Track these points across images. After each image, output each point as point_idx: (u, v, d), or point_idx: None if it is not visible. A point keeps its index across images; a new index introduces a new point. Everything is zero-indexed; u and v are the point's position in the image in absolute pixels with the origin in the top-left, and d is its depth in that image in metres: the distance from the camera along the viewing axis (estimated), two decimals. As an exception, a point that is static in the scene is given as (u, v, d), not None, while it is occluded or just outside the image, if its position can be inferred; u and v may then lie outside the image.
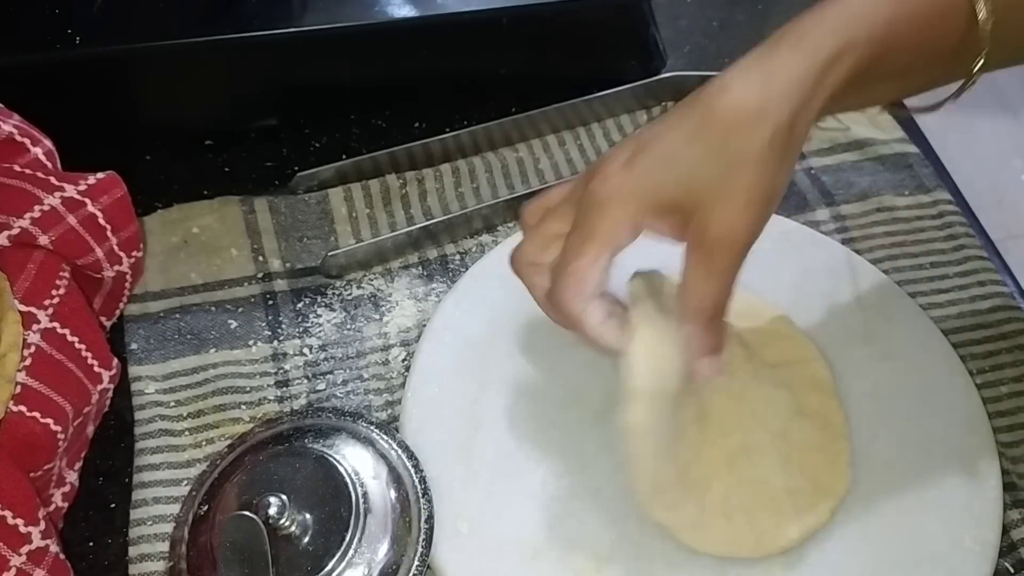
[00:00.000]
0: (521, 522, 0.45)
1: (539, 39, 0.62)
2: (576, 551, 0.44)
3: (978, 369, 0.52)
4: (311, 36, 0.56)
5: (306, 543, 0.41)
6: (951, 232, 0.57)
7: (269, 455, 0.45)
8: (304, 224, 0.56)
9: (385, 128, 0.61)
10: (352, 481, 0.43)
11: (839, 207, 0.58)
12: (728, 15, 0.69)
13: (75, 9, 0.54)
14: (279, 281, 0.53)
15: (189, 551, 0.43)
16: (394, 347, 0.51)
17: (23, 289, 0.44)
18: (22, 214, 0.45)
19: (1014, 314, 0.54)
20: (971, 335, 0.53)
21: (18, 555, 0.39)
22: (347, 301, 0.53)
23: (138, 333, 0.51)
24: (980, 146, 1.71)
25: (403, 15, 0.56)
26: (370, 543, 0.42)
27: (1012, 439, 0.50)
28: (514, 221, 0.56)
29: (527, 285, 0.41)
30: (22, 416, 0.41)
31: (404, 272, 0.54)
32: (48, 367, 0.43)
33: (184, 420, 0.48)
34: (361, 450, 0.45)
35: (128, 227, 0.48)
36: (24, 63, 0.53)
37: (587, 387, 0.48)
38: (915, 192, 0.59)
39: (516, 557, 0.44)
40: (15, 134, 0.47)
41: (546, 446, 0.47)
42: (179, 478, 0.46)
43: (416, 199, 0.57)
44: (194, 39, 0.54)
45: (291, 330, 0.52)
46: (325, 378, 0.50)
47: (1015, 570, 0.46)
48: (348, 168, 0.57)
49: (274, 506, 0.40)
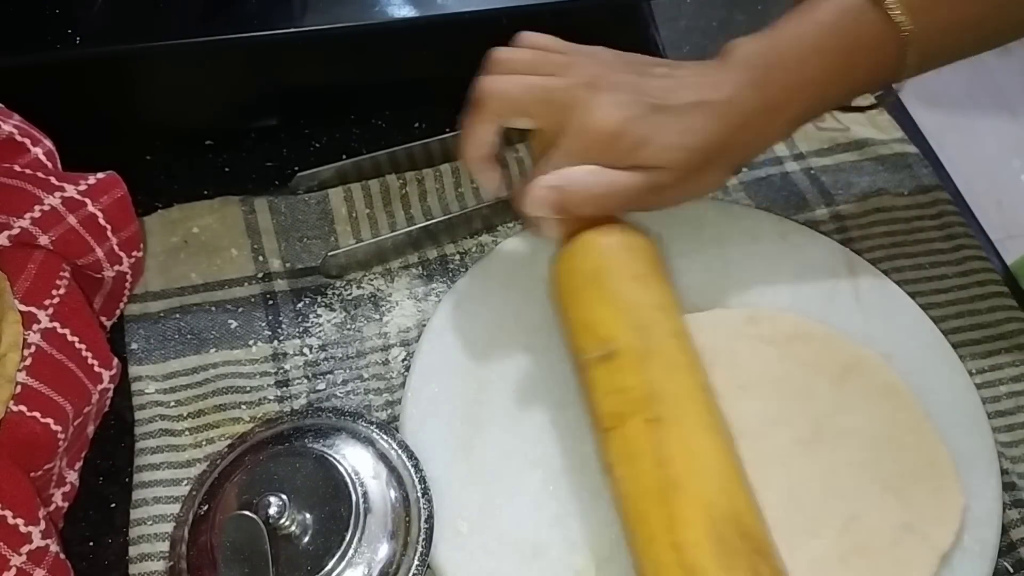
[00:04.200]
0: (521, 522, 0.45)
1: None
2: (576, 551, 0.44)
3: (977, 369, 0.52)
4: (311, 36, 0.56)
5: (306, 543, 0.41)
6: (950, 232, 0.57)
7: (269, 455, 0.45)
8: (304, 224, 0.56)
9: (385, 128, 0.61)
10: (352, 481, 0.43)
11: (838, 207, 0.58)
12: (728, 15, 0.69)
13: (75, 9, 0.54)
14: (279, 281, 0.53)
15: (189, 551, 0.43)
16: (394, 347, 0.51)
17: (23, 289, 0.44)
18: (22, 214, 0.45)
19: (1013, 314, 0.54)
20: (970, 335, 0.53)
21: (18, 555, 0.39)
22: (347, 301, 0.53)
23: (138, 333, 0.51)
24: (980, 146, 1.72)
25: (403, 15, 0.56)
26: (370, 543, 0.42)
27: (1011, 439, 0.50)
28: (514, 221, 0.56)
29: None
30: (22, 416, 0.41)
31: (404, 272, 0.54)
32: (48, 367, 0.43)
33: (184, 420, 0.48)
34: (361, 450, 0.45)
35: (128, 227, 0.48)
36: (24, 63, 0.53)
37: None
38: (914, 192, 0.59)
39: (516, 557, 0.44)
40: (15, 134, 0.47)
41: (546, 446, 0.47)
42: (179, 478, 0.46)
43: (416, 199, 0.57)
44: (194, 39, 0.54)
45: (291, 330, 0.52)
46: (325, 378, 0.50)
47: (1015, 570, 0.46)
48: (348, 168, 0.57)
49: (274, 506, 0.40)
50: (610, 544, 0.44)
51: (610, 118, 0.44)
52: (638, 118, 0.44)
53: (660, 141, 0.44)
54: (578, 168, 0.45)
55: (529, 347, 0.50)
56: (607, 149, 0.44)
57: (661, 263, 0.47)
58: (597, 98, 0.44)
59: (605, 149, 0.44)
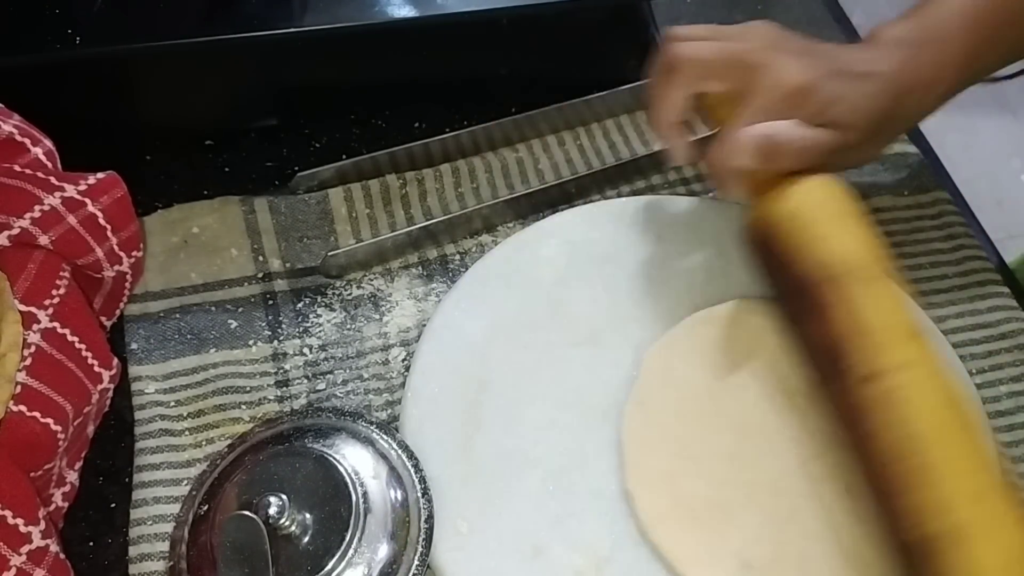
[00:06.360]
0: (521, 522, 0.45)
1: (539, 39, 0.62)
2: (576, 551, 0.44)
3: (977, 369, 0.52)
4: (311, 36, 0.56)
5: (306, 543, 0.41)
6: (950, 232, 0.57)
7: (269, 455, 0.45)
8: (304, 224, 0.56)
9: (385, 128, 0.61)
10: (352, 481, 0.43)
11: (839, 207, 0.58)
12: (728, 15, 0.69)
13: (75, 9, 0.54)
14: (279, 281, 0.53)
15: (189, 551, 0.43)
16: (394, 347, 0.51)
17: (23, 289, 0.44)
18: (22, 214, 0.45)
19: (1013, 314, 0.54)
20: (970, 335, 0.53)
21: (18, 555, 0.39)
22: (347, 301, 0.53)
23: (138, 333, 0.51)
24: (980, 146, 1.71)
25: (403, 15, 0.56)
26: (370, 543, 0.42)
27: (1012, 439, 0.50)
28: (514, 221, 0.56)
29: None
30: (22, 416, 0.41)
31: (404, 272, 0.54)
32: (48, 367, 0.43)
33: (184, 420, 0.48)
34: (361, 450, 0.45)
35: (128, 227, 0.48)
36: (24, 63, 0.53)
37: (587, 387, 0.48)
38: (915, 192, 0.59)
39: (516, 557, 0.44)
40: (15, 134, 0.47)
41: (546, 446, 0.47)
42: (179, 478, 0.46)
43: (416, 199, 0.57)
44: (194, 39, 0.54)
45: (291, 330, 0.52)
46: (325, 378, 0.50)
47: (1015, 570, 0.46)
48: (348, 168, 0.57)
49: (274, 506, 0.40)
50: (610, 544, 0.44)
51: (802, 75, 0.45)
52: (825, 78, 0.46)
53: (847, 102, 0.46)
54: (782, 121, 0.46)
55: (529, 347, 0.50)
56: (799, 105, 0.45)
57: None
58: (786, 58, 0.46)
59: (797, 105, 0.45)
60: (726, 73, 0.47)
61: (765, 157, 0.45)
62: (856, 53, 0.48)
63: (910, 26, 0.48)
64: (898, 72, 0.47)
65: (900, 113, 0.47)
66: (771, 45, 0.47)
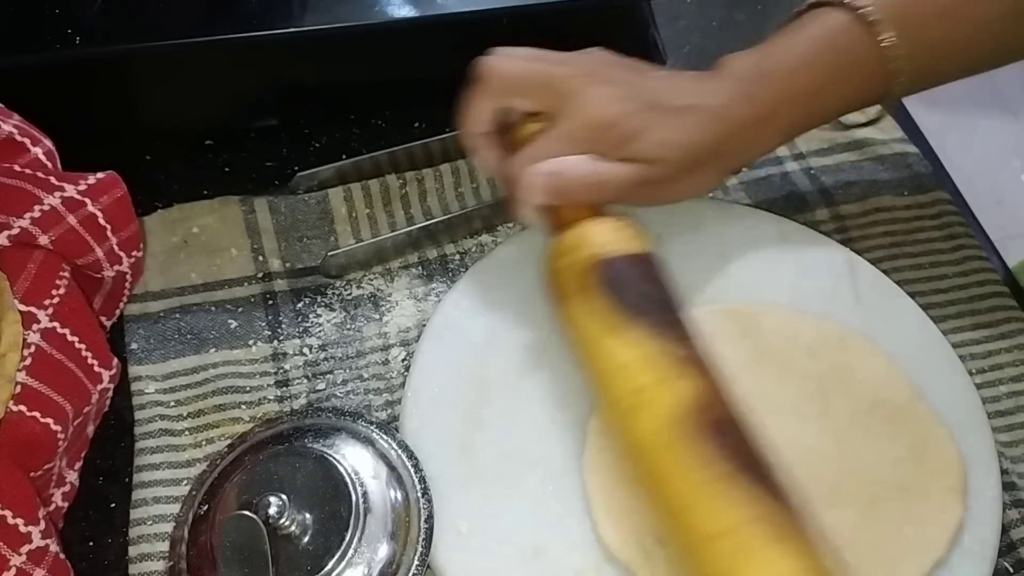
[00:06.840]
0: (521, 522, 0.45)
1: (539, 39, 0.62)
2: (576, 551, 0.44)
3: (977, 369, 0.52)
4: (311, 36, 0.56)
5: (306, 543, 0.41)
6: (950, 232, 0.57)
7: (269, 455, 0.45)
8: (304, 224, 0.56)
9: (385, 128, 0.61)
10: (352, 481, 0.43)
11: (838, 207, 0.58)
12: (728, 15, 0.69)
13: (75, 9, 0.54)
14: (279, 281, 0.53)
15: (189, 551, 0.43)
16: (394, 347, 0.51)
17: (23, 289, 0.44)
18: (22, 214, 0.45)
19: (1013, 314, 0.54)
20: (970, 335, 0.53)
21: (18, 555, 0.39)
22: (347, 301, 0.53)
23: (138, 333, 0.51)
24: (980, 146, 1.72)
25: (403, 15, 0.56)
26: (370, 543, 0.42)
27: (1011, 439, 0.50)
28: (514, 221, 0.56)
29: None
30: (22, 416, 0.41)
31: (404, 272, 0.54)
32: (48, 367, 0.43)
33: (184, 420, 0.48)
34: (361, 450, 0.45)
35: (128, 227, 0.48)
36: (24, 63, 0.53)
37: (587, 387, 0.48)
38: (914, 192, 0.59)
39: (516, 557, 0.44)
40: (15, 134, 0.47)
41: (546, 446, 0.47)
42: (179, 478, 0.46)
43: (416, 199, 0.57)
44: (194, 39, 0.54)
45: (291, 330, 0.52)
46: (325, 378, 0.50)
47: (1014, 570, 0.46)
48: (348, 168, 0.57)
49: (274, 506, 0.40)
50: (610, 544, 0.44)
51: (606, 108, 0.45)
52: (632, 112, 0.45)
53: (652, 136, 0.45)
54: (573, 156, 0.45)
55: (529, 347, 0.50)
56: (599, 139, 0.45)
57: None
58: (595, 88, 0.45)
59: (597, 138, 0.45)
60: (533, 92, 0.46)
61: (555, 194, 0.45)
62: (687, 84, 0.47)
63: (754, 59, 0.47)
64: (727, 106, 0.46)
65: (729, 147, 0.47)
66: (589, 73, 0.46)
